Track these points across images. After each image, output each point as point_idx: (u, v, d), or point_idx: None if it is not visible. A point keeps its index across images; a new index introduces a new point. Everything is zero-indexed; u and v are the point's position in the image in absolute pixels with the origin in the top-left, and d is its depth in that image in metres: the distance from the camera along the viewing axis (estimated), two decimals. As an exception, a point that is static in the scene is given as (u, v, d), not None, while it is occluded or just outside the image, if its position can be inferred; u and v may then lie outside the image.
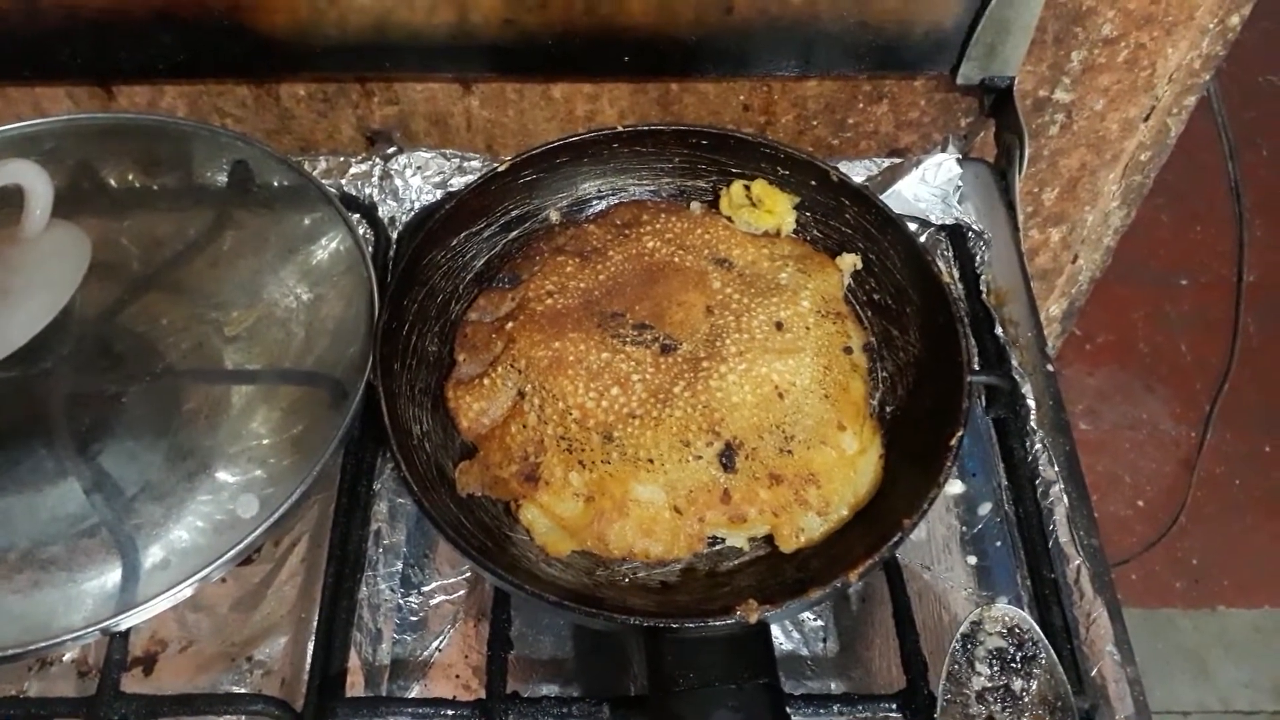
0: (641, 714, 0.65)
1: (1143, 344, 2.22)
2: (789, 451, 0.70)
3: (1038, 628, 0.64)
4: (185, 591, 0.66)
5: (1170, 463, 2.04)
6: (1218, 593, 1.89)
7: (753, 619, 0.60)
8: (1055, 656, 0.63)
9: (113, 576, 0.70)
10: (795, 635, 0.74)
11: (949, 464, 0.65)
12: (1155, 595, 1.87)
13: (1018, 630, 0.64)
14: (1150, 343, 2.22)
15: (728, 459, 0.70)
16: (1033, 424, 0.79)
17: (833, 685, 0.73)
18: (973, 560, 0.77)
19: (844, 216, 0.82)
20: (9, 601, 0.68)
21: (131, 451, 0.74)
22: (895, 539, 0.63)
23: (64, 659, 0.75)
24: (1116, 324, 2.21)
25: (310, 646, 0.70)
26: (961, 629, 0.64)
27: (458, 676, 0.73)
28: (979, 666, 0.64)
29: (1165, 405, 2.12)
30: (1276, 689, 1.80)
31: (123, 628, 0.67)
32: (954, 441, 0.66)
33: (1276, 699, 1.79)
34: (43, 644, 0.65)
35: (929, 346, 0.75)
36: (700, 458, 0.70)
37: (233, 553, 0.67)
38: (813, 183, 0.83)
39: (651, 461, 0.69)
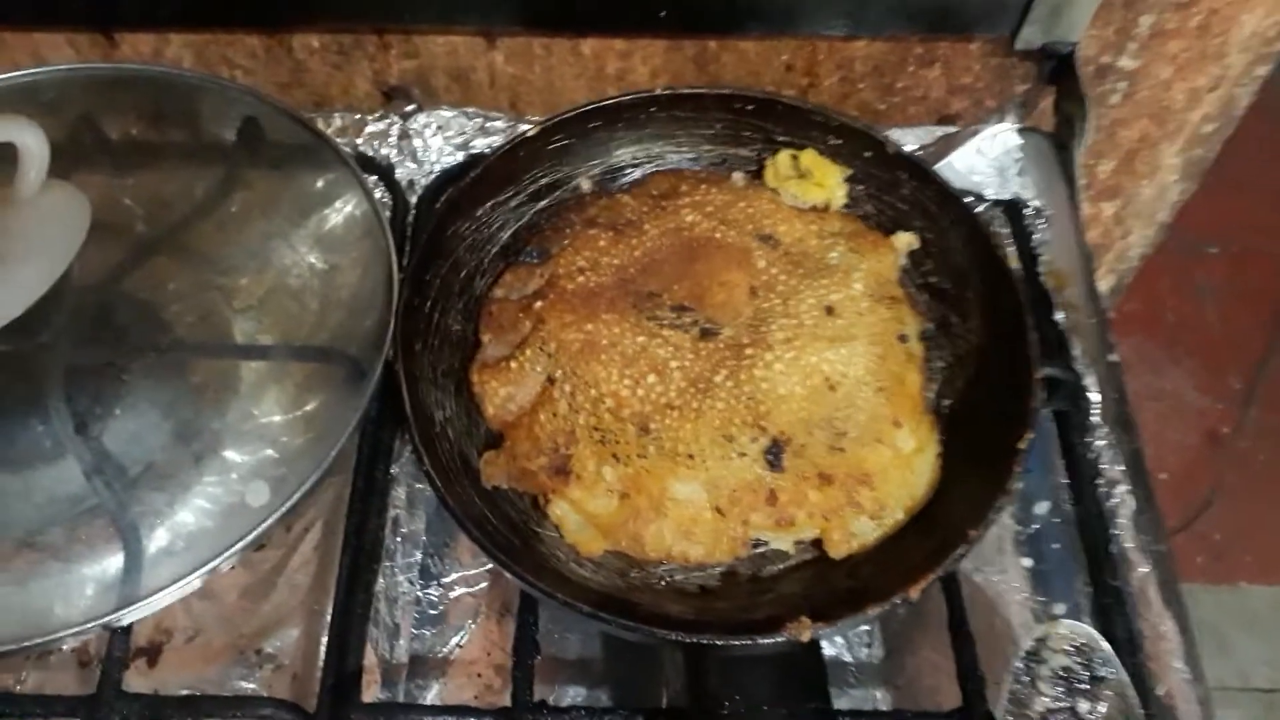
0: (679, 730, 0.61)
1: (1170, 314, 2.18)
2: (840, 449, 0.65)
3: (1108, 646, 0.59)
4: (192, 584, 0.62)
5: (1195, 435, 2.00)
6: (1240, 569, 1.86)
7: (805, 638, 0.56)
8: (1127, 677, 0.59)
9: (114, 564, 0.65)
10: (839, 640, 0.70)
11: (1017, 469, 0.61)
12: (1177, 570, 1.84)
13: (1087, 649, 0.59)
14: (1178, 313, 2.17)
15: (774, 456, 0.65)
16: (1096, 418, 0.74)
17: (877, 694, 0.69)
18: (1028, 563, 0.72)
19: (900, 192, 0.77)
20: (3, 592, 0.65)
21: (135, 430, 0.70)
22: (959, 551, 0.59)
23: (64, 649, 0.71)
24: (1144, 292, 2.15)
25: (323, 640, 0.66)
26: (1026, 646, 0.59)
27: (479, 675, 0.70)
28: (1043, 686, 0.59)
29: (1191, 377, 2.08)
30: (1296, 667, 1.78)
31: (125, 623, 0.63)
32: (1023, 444, 0.62)
33: (1295, 676, 1.78)
34: (39, 640, 0.61)
35: (991, 336, 0.70)
36: (744, 454, 0.65)
37: (243, 542, 0.63)
38: (866, 154, 0.78)
39: (691, 457, 0.65)
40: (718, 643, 0.56)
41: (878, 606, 0.57)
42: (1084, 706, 0.59)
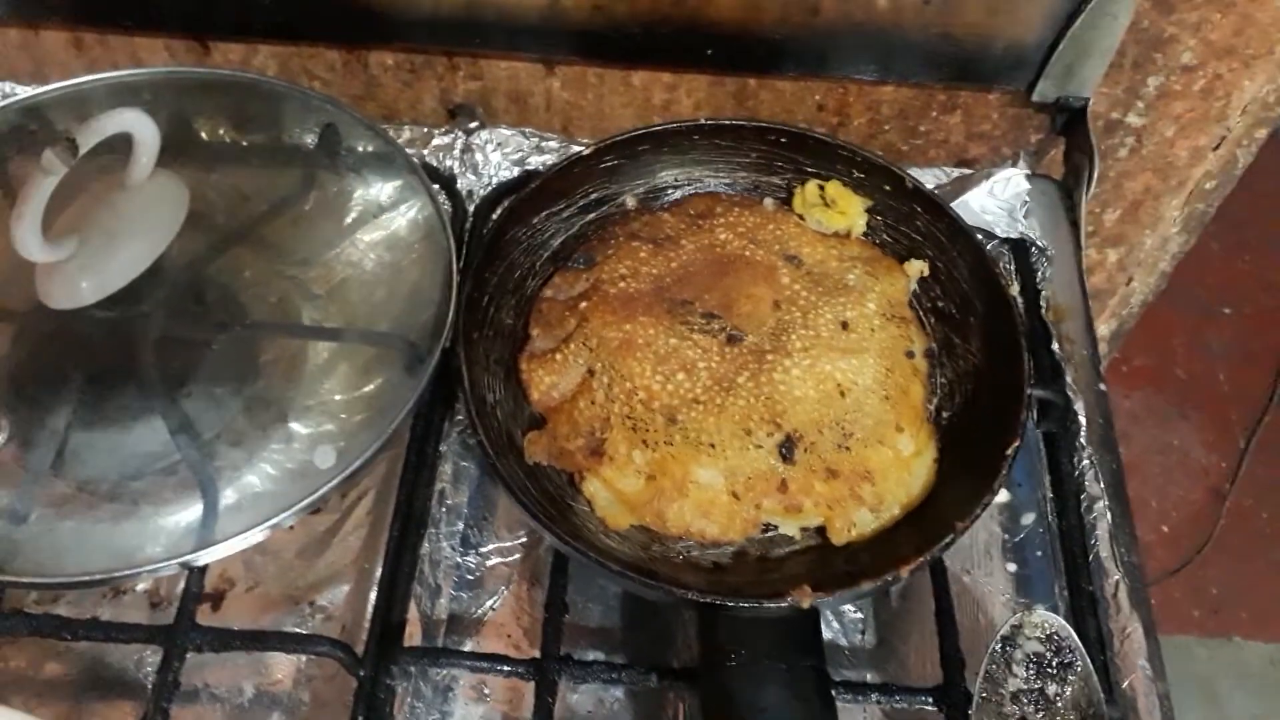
0: (689, 685, 0.68)
1: (1181, 370, 2.22)
2: (847, 448, 0.73)
3: (1075, 636, 0.66)
4: (262, 533, 0.69)
5: (1199, 490, 2.04)
6: (1235, 624, 1.90)
7: (805, 604, 0.63)
8: (1091, 665, 0.65)
9: (192, 514, 0.72)
10: (835, 625, 0.77)
11: (1004, 472, 0.68)
12: (1172, 622, 1.88)
13: (1056, 637, 0.66)
14: (1188, 370, 2.21)
15: (787, 450, 0.72)
16: (1082, 440, 0.80)
17: (868, 676, 0.75)
18: (1013, 567, 0.79)
19: (915, 223, 0.84)
20: (96, 531, 0.72)
21: (215, 397, 0.77)
22: (947, 540, 0.66)
23: (137, 589, 0.78)
24: (1156, 348, 2.21)
25: (371, 596, 0.73)
26: (1002, 631, 0.66)
27: (509, 636, 0.76)
28: (1016, 669, 0.66)
29: (1198, 433, 2.12)
30: (1287, 722, 1.81)
31: (201, 563, 0.70)
32: (1010, 451, 0.68)
33: (1287, 732, 1.81)
34: (126, 572, 0.68)
35: (990, 357, 0.77)
36: (760, 447, 0.72)
37: (309, 500, 0.70)
38: (886, 188, 0.85)
39: (713, 446, 0.72)
40: (728, 603, 0.63)
41: (871, 582, 0.64)
42: (1051, 689, 0.66)
